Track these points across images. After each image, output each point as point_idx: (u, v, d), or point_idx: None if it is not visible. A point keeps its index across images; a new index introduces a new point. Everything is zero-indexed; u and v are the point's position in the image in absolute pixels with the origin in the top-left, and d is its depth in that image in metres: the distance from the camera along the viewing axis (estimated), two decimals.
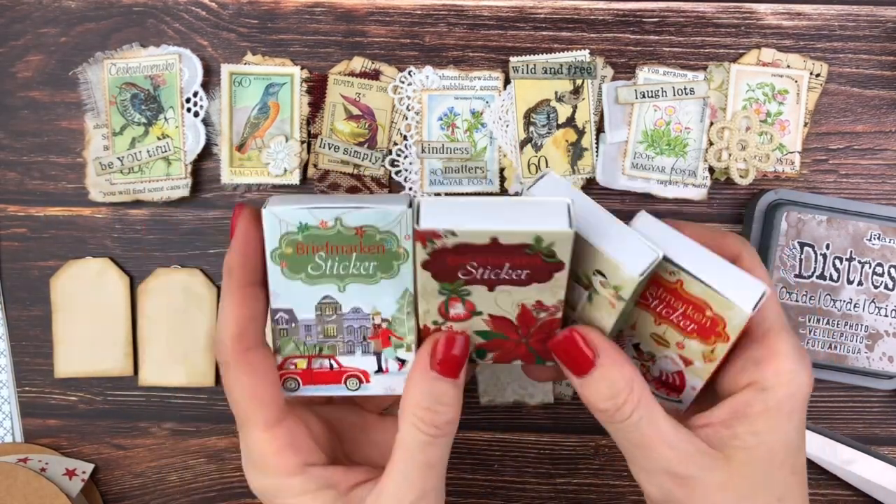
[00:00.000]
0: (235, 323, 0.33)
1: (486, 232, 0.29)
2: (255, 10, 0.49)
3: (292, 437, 0.34)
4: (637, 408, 0.31)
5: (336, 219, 0.32)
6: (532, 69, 0.48)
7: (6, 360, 0.50)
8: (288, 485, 0.33)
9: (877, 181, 0.49)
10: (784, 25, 0.48)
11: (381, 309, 0.34)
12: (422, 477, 0.33)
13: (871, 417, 0.49)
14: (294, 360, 0.35)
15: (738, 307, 0.31)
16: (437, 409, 0.32)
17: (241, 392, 0.33)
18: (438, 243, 0.30)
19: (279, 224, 0.32)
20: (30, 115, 0.49)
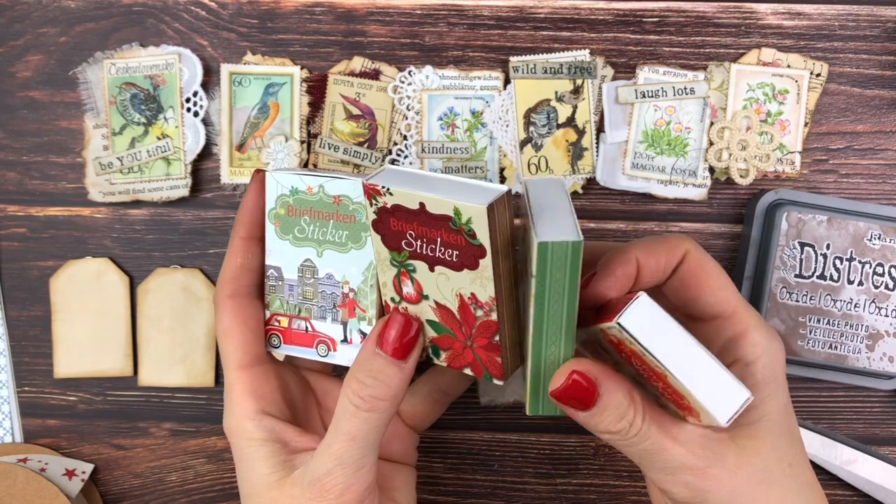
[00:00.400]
0: (229, 269, 0.37)
1: (415, 195, 0.31)
2: (255, 9, 0.49)
3: (257, 384, 0.36)
4: (644, 417, 0.32)
5: (320, 186, 0.35)
6: (532, 69, 0.48)
7: (6, 360, 0.50)
8: (242, 427, 0.35)
9: (877, 181, 0.49)
10: (784, 25, 0.48)
11: (349, 278, 0.37)
12: (342, 445, 0.34)
13: (872, 417, 0.49)
14: (279, 317, 0.38)
15: (713, 416, 0.30)
16: (367, 381, 0.34)
17: (221, 331, 0.36)
18: (380, 201, 0.32)
19: (277, 186, 0.36)
20: (29, 114, 0.49)
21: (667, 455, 0.32)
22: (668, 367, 0.30)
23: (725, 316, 0.34)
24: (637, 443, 0.32)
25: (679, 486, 0.32)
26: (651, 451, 0.32)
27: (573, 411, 0.32)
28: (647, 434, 0.32)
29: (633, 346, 0.31)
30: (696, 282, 0.34)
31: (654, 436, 0.32)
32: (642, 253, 0.33)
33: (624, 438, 0.32)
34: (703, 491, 0.32)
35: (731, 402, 0.30)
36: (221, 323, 0.36)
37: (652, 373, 0.32)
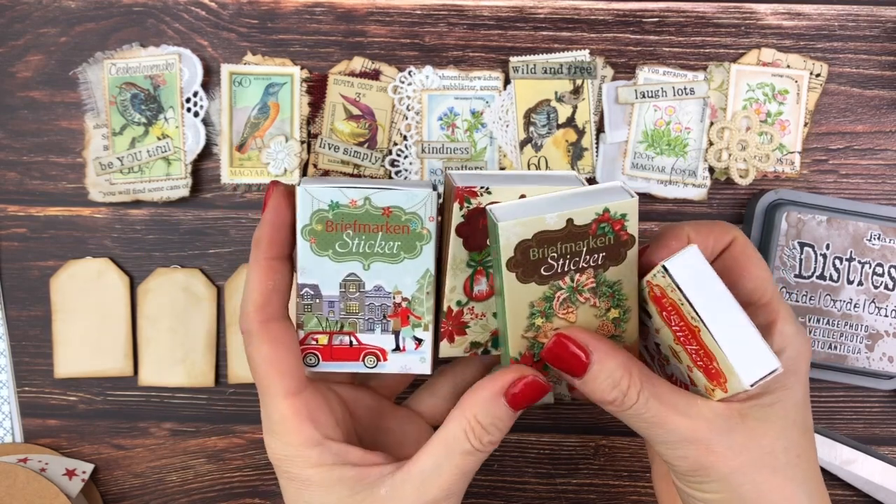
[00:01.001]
0: (259, 293, 0.34)
1: (516, 189, 0.33)
2: (255, 9, 0.49)
3: (311, 409, 0.35)
4: (641, 389, 0.32)
5: (365, 198, 0.34)
6: (532, 69, 0.48)
7: (6, 360, 0.50)
8: (305, 455, 0.34)
9: (877, 181, 0.49)
10: (784, 25, 0.48)
11: (402, 288, 0.36)
12: (452, 478, 0.34)
13: (871, 417, 0.49)
14: (316, 335, 0.36)
15: (739, 378, 0.31)
16: (491, 430, 0.34)
17: (262, 360, 0.34)
18: (474, 202, 0.33)
19: (312, 201, 0.34)
20: (30, 114, 0.49)
21: (669, 428, 0.32)
22: (704, 320, 0.31)
23: (760, 304, 0.34)
24: (637, 413, 0.32)
25: (680, 459, 0.33)
26: (653, 424, 0.32)
27: (570, 379, 0.33)
28: (647, 406, 0.32)
29: (673, 297, 0.31)
30: (739, 267, 0.34)
31: (653, 407, 0.32)
32: (694, 231, 0.34)
33: (620, 409, 0.33)
34: (705, 466, 0.32)
35: (760, 367, 0.31)
36: (260, 352, 0.34)
37: (688, 331, 0.32)
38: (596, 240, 0.32)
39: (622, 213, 0.32)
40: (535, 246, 0.32)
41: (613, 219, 0.32)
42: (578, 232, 0.32)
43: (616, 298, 0.34)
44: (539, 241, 0.32)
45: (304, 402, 0.35)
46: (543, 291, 0.33)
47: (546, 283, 0.33)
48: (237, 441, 0.50)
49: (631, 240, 0.33)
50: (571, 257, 0.32)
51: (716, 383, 0.32)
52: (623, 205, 0.32)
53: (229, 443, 0.51)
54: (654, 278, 0.32)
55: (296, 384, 0.35)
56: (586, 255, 0.32)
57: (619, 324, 0.35)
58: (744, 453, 0.32)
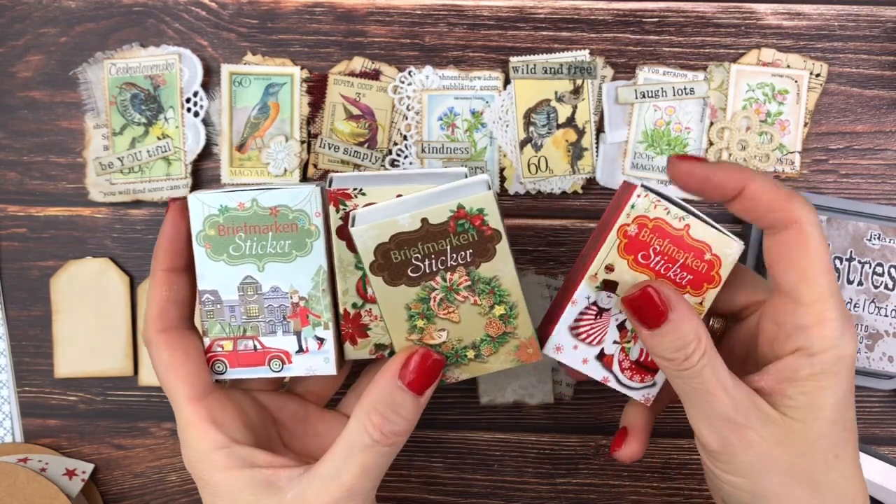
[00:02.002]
0: (156, 304, 0.35)
1: (392, 189, 0.33)
2: (255, 10, 0.49)
3: (215, 413, 0.35)
4: (702, 357, 0.32)
5: (252, 200, 0.35)
6: (532, 69, 0.48)
7: (6, 360, 0.50)
8: (211, 458, 0.34)
9: (877, 181, 0.49)
10: (784, 25, 0.48)
11: (298, 287, 0.36)
12: (354, 477, 0.33)
13: (871, 417, 0.49)
14: (221, 342, 0.37)
15: (736, 241, 0.33)
16: (391, 417, 0.33)
17: (162, 367, 0.35)
18: (349, 204, 0.33)
19: (202, 207, 0.35)
20: (30, 115, 0.49)
21: (712, 399, 0.32)
22: (693, 210, 0.33)
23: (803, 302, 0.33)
24: (688, 377, 0.33)
25: (711, 434, 0.33)
26: (698, 391, 0.33)
27: (639, 327, 0.33)
28: (701, 373, 0.32)
29: (655, 214, 0.33)
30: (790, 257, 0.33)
31: (707, 377, 0.32)
32: (761, 189, 0.33)
33: (677, 368, 0.33)
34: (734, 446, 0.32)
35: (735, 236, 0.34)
36: (160, 359, 0.35)
37: (672, 249, 0.33)
38: (458, 237, 0.32)
39: (479, 208, 0.32)
40: (394, 248, 0.32)
41: (471, 214, 0.32)
42: (436, 231, 0.32)
43: (497, 294, 0.34)
44: (397, 243, 0.32)
45: (206, 406, 0.35)
46: (417, 293, 0.33)
47: (417, 284, 0.33)
48: None
49: (496, 234, 0.32)
50: (437, 256, 0.32)
51: (706, 285, 0.33)
52: (478, 199, 0.31)
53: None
54: (633, 210, 0.33)
55: (198, 390, 0.35)
56: (452, 254, 0.32)
57: (507, 320, 0.34)
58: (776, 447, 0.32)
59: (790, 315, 0.33)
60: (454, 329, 0.34)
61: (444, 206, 0.31)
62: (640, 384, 0.36)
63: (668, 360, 0.33)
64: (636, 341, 0.36)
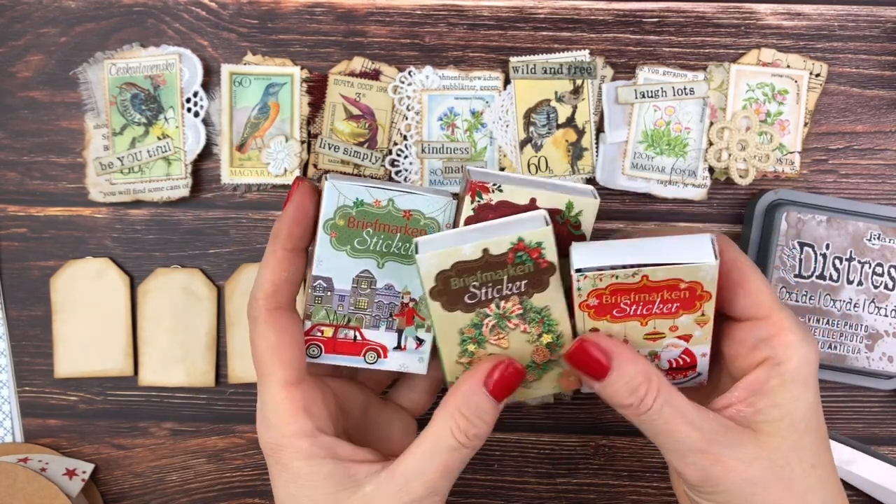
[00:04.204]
0: (271, 282, 0.35)
1: (528, 192, 0.34)
2: (255, 10, 0.49)
3: (308, 401, 0.35)
4: (657, 396, 0.33)
5: (389, 199, 0.36)
6: (532, 69, 0.48)
7: (6, 360, 0.50)
8: (296, 445, 0.34)
9: (877, 181, 0.49)
10: (784, 25, 0.48)
11: (411, 289, 0.37)
12: (437, 475, 0.34)
13: (871, 417, 0.49)
14: (322, 327, 0.37)
15: (705, 265, 0.33)
16: (475, 421, 0.34)
17: (265, 347, 0.35)
18: (485, 198, 0.34)
19: (338, 196, 0.35)
20: (30, 115, 0.49)
21: (679, 436, 0.33)
22: (639, 262, 0.33)
23: (759, 318, 0.34)
24: (650, 420, 0.33)
25: (689, 468, 0.33)
26: (664, 431, 0.33)
27: (591, 381, 0.34)
28: (661, 413, 0.33)
29: (606, 283, 0.33)
30: (732, 284, 0.34)
31: (667, 415, 0.33)
32: None
33: (636, 414, 0.33)
34: (714, 476, 0.33)
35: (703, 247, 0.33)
36: (266, 339, 0.35)
37: (641, 295, 0.33)
38: (515, 268, 0.33)
39: (537, 242, 0.33)
40: (454, 276, 0.33)
41: (529, 247, 0.33)
42: (496, 261, 0.33)
43: (546, 324, 0.35)
44: (458, 270, 0.33)
45: (301, 392, 0.35)
46: (471, 319, 0.34)
47: (472, 310, 0.34)
48: (237, 441, 0.51)
49: (551, 267, 0.33)
50: (493, 285, 0.33)
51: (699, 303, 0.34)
52: (537, 234, 0.33)
53: (229, 443, 0.51)
54: (581, 291, 0.33)
55: (296, 375, 0.35)
56: (508, 283, 0.33)
57: (553, 349, 0.35)
58: (755, 464, 0.32)
59: (750, 330, 0.34)
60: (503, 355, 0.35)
61: (505, 238, 0.33)
62: (685, 378, 0.37)
63: (626, 407, 0.33)
64: (659, 359, 0.36)
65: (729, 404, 0.34)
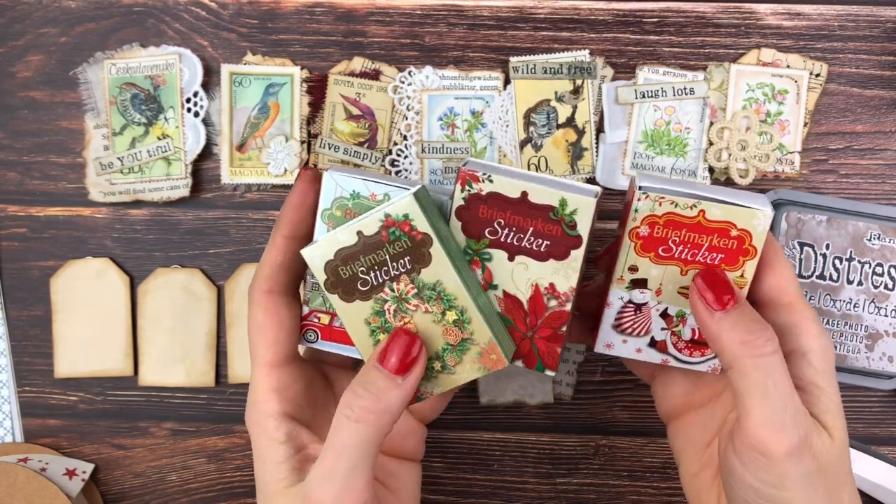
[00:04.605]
0: (268, 265, 0.36)
1: (519, 185, 0.33)
2: (255, 10, 0.49)
3: (284, 384, 0.36)
4: (780, 349, 0.32)
5: (385, 194, 0.35)
6: (532, 69, 0.48)
7: (6, 360, 0.50)
8: (263, 424, 0.35)
9: (877, 181, 0.49)
10: (784, 25, 0.48)
11: None
12: (332, 460, 0.33)
13: (871, 417, 0.49)
14: (318, 314, 0.37)
15: (762, 210, 0.33)
16: (360, 392, 0.33)
17: (254, 326, 0.36)
18: (476, 187, 0.33)
19: (335, 188, 0.35)
20: (30, 115, 0.49)
21: (787, 397, 0.31)
22: (703, 194, 0.33)
23: (783, 304, 0.34)
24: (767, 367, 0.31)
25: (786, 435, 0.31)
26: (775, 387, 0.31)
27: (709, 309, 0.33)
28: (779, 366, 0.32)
29: (664, 209, 0.33)
30: (763, 263, 0.34)
31: (783, 371, 0.32)
32: None
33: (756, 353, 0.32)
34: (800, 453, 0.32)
35: (761, 200, 0.34)
36: (255, 318, 0.36)
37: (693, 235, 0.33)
38: (392, 245, 0.33)
39: (404, 215, 0.33)
40: (340, 264, 0.33)
41: (398, 221, 0.33)
42: (372, 242, 0.33)
43: (445, 300, 0.34)
44: (343, 258, 0.33)
45: (280, 375, 0.36)
46: (372, 307, 0.34)
47: (369, 297, 0.34)
48: (237, 441, 0.51)
49: (427, 238, 0.33)
50: (379, 267, 0.33)
51: (742, 259, 0.33)
52: (400, 205, 0.32)
53: (229, 443, 0.51)
54: (637, 213, 0.33)
55: (279, 358, 0.36)
56: (392, 263, 0.33)
57: (462, 325, 0.34)
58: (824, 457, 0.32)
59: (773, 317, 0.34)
60: None
61: (373, 216, 0.33)
62: (702, 357, 0.37)
63: (747, 342, 0.32)
64: (684, 324, 0.36)
65: None
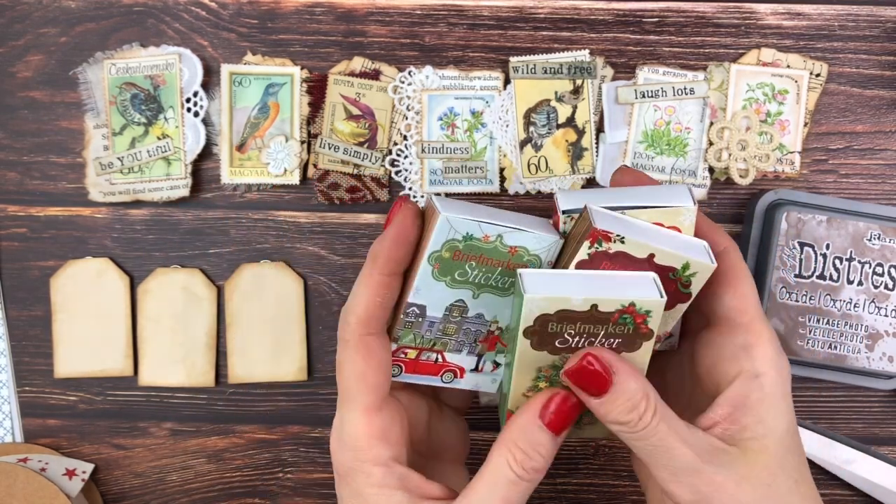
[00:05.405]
0: (365, 307, 0.34)
1: (649, 247, 0.32)
2: (255, 9, 0.49)
3: (387, 429, 0.35)
4: (655, 413, 0.32)
5: (498, 235, 0.34)
6: (532, 69, 0.48)
7: (6, 360, 0.50)
8: (369, 472, 0.34)
9: (877, 181, 0.49)
10: (784, 25, 0.48)
11: (500, 319, 0.37)
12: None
13: (871, 417, 0.49)
14: (406, 349, 0.37)
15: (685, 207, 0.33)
16: (532, 454, 0.34)
17: (352, 371, 0.35)
18: (605, 246, 0.33)
19: (449, 230, 0.34)
20: (30, 115, 0.49)
21: (674, 454, 0.32)
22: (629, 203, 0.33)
23: (740, 322, 0.34)
24: (645, 437, 0.32)
25: (683, 489, 0.32)
26: (659, 449, 0.32)
27: (586, 397, 0.33)
28: (657, 430, 0.32)
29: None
30: (724, 281, 0.34)
31: (662, 433, 0.32)
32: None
33: (633, 431, 0.32)
34: (705, 496, 0.32)
35: (682, 192, 0.34)
36: (355, 363, 0.34)
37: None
38: (616, 327, 0.32)
39: (647, 310, 0.32)
40: (555, 321, 0.32)
41: (637, 313, 0.32)
42: (600, 317, 0.32)
43: None
44: (560, 317, 0.32)
45: (381, 419, 0.35)
46: (554, 360, 0.33)
47: (558, 353, 0.33)
48: (237, 441, 0.50)
49: (650, 334, 0.33)
50: (587, 336, 0.32)
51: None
52: (650, 303, 0.32)
53: (229, 443, 0.51)
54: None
55: (378, 401, 0.35)
56: (602, 338, 0.32)
57: None
58: (744, 484, 0.32)
59: (728, 336, 0.34)
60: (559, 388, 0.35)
61: (616, 299, 0.32)
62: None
63: (623, 424, 0.32)
64: None
65: (713, 423, 0.34)
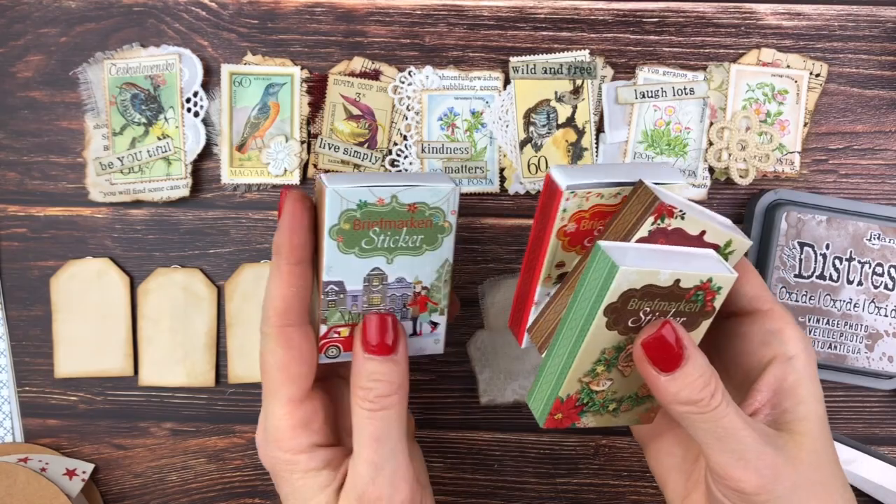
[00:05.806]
0: (281, 299, 0.35)
1: (701, 223, 0.32)
2: (255, 10, 0.49)
3: (308, 418, 0.36)
4: (724, 393, 0.31)
5: (392, 196, 0.35)
6: (532, 69, 0.48)
7: (6, 360, 0.50)
8: (294, 461, 0.35)
9: (877, 181, 0.49)
10: (784, 25, 0.48)
11: (422, 278, 0.37)
12: (371, 450, 0.34)
13: (871, 417, 0.49)
14: (338, 328, 0.37)
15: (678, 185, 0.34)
16: (370, 385, 0.34)
17: (274, 364, 0.35)
18: (667, 222, 0.32)
19: (341, 201, 0.34)
20: (30, 115, 0.49)
21: (740, 437, 0.31)
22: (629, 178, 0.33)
23: (763, 311, 0.35)
24: (715, 419, 0.31)
25: (749, 473, 0.31)
26: (728, 431, 0.31)
27: (655, 375, 0.31)
28: (727, 411, 0.31)
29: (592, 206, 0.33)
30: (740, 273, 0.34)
31: (732, 414, 0.31)
32: None
33: (702, 411, 0.31)
34: (772, 479, 0.31)
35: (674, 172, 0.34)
36: (275, 355, 0.35)
37: None
38: (686, 304, 0.32)
39: (719, 287, 0.32)
40: (637, 297, 0.31)
41: (711, 290, 0.32)
42: (678, 293, 0.31)
43: None
44: (643, 293, 0.31)
45: (303, 411, 0.35)
46: (619, 341, 0.32)
47: (627, 334, 0.32)
48: (237, 441, 0.51)
49: (711, 312, 0.32)
50: (659, 315, 0.32)
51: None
52: (724, 279, 0.31)
53: (229, 443, 0.51)
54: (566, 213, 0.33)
55: (300, 392, 0.35)
56: (672, 316, 0.32)
57: None
58: (800, 468, 0.32)
59: (754, 324, 0.35)
60: (618, 382, 0.34)
61: (696, 273, 0.31)
62: None
63: (693, 404, 0.31)
64: None
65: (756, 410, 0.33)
